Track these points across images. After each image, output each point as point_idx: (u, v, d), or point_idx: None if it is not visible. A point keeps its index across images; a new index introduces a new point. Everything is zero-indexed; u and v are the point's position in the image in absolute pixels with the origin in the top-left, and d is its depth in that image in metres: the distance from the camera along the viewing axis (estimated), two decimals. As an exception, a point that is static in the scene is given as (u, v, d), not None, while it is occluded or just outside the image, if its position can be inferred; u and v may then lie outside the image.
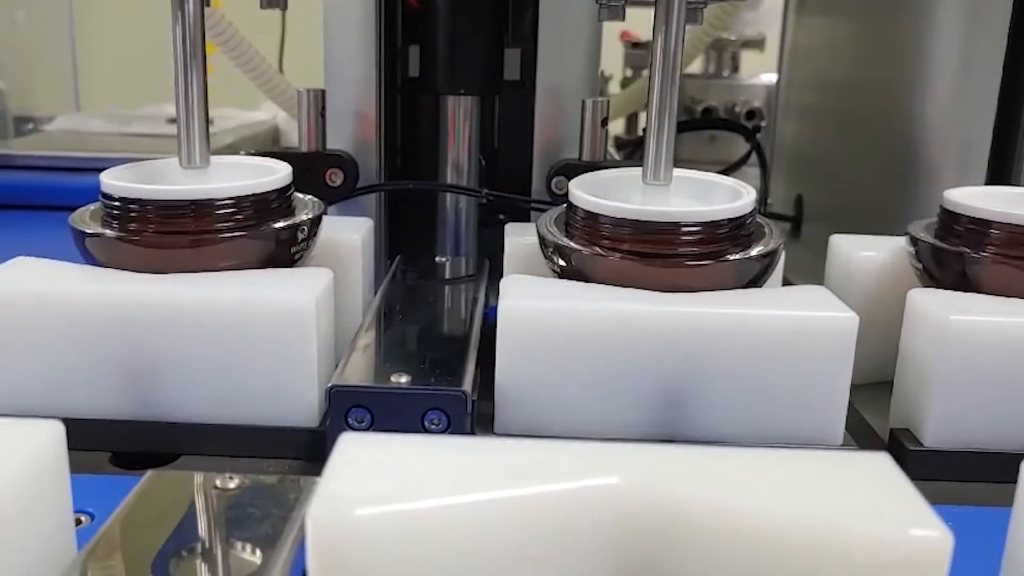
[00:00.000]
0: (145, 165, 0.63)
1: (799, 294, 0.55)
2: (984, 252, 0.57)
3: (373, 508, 0.31)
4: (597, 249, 0.56)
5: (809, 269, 0.68)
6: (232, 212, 0.57)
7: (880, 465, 0.34)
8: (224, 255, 0.57)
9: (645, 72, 1.16)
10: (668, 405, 0.53)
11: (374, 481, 0.33)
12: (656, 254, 0.55)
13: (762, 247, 0.57)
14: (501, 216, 0.77)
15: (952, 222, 0.60)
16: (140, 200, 0.56)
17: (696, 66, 1.52)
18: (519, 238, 0.64)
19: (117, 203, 0.57)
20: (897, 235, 0.64)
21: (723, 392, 0.52)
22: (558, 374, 0.52)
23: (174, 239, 0.56)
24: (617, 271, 0.55)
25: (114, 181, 0.57)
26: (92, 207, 0.60)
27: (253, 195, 0.58)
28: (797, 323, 0.52)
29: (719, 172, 0.72)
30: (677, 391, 0.52)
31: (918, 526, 0.30)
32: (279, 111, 1.43)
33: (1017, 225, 0.57)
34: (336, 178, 0.76)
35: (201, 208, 0.56)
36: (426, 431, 0.50)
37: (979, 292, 0.57)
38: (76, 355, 0.53)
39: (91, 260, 0.57)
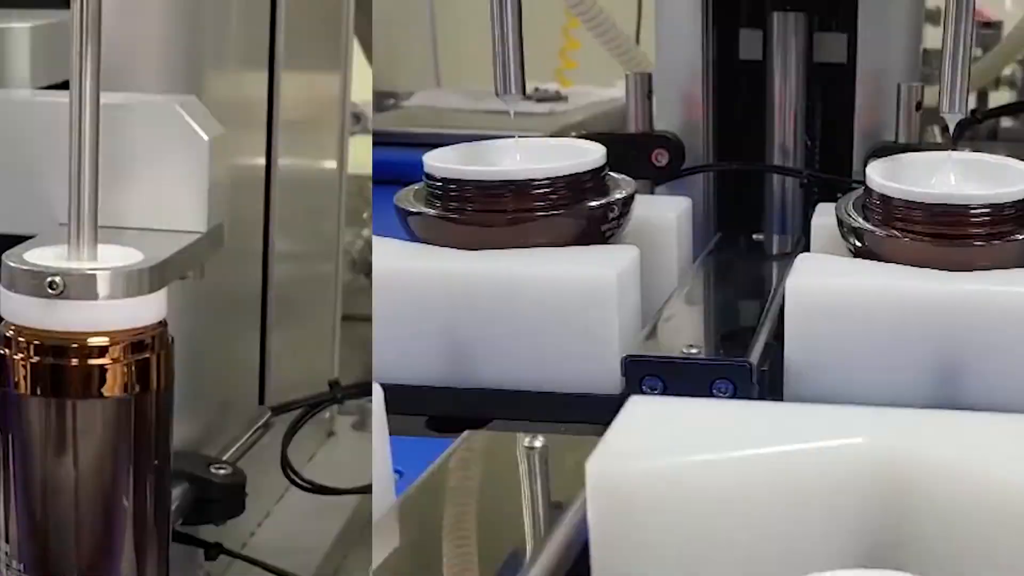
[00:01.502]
0: (469, 146, 0.65)
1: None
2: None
3: (646, 462, 0.36)
4: (889, 231, 0.57)
5: None
6: (547, 192, 0.60)
7: None
8: (538, 233, 0.60)
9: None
10: (946, 379, 0.53)
11: (651, 438, 0.38)
12: (945, 235, 0.56)
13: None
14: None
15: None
16: (460, 180, 0.60)
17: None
18: (825, 219, 0.64)
19: (439, 183, 0.61)
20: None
21: (999, 366, 0.53)
22: (843, 347, 0.54)
23: (491, 217, 0.60)
24: (907, 252, 0.56)
25: (436, 162, 0.61)
26: (416, 187, 0.63)
27: (568, 176, 0.60)
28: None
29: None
30: (954, 365, 0.53)
31: None
32: (635, 89, 1.44)
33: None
34: (661, 158, 0.78)
35: (518, 188, 0.60)
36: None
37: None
38: (398, 326, 0.57)
39: (412, 236, 0.61)
